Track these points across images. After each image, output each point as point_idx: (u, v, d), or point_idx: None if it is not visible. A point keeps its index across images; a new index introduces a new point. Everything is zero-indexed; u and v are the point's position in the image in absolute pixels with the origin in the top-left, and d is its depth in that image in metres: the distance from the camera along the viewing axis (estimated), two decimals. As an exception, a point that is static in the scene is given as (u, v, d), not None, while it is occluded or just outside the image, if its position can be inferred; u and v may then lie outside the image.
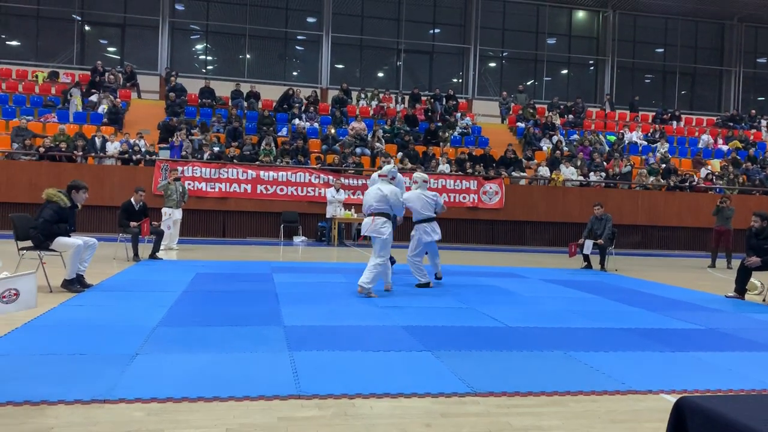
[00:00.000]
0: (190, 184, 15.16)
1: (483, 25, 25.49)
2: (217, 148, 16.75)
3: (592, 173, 18.54)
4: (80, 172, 14.53)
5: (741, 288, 8.86)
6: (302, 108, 20.11)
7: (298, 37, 25.23)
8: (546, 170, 18.17)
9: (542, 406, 3.88)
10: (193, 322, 5.78)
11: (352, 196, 15.79)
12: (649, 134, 22.43)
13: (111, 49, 24.14)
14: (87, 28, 23.77)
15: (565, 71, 27.41)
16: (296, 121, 19.14)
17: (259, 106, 20.45)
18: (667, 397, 4.11)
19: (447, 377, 4.33)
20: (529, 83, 26.29)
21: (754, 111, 25.54)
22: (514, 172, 17.96)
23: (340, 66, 25.31)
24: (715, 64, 27.88)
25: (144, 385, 3.91)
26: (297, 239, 15.77)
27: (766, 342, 5.96)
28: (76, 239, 7.36)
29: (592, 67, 27.36)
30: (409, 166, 17.16)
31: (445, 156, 17.99)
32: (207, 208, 15.87)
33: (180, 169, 14.67)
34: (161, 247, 11.32)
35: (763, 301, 8.77)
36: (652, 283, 10.27)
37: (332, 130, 18.67)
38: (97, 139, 16.26)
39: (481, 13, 25.38)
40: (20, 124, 16.40)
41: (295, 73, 25.26)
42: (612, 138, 21.66)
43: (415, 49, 25.87)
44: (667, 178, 18.74)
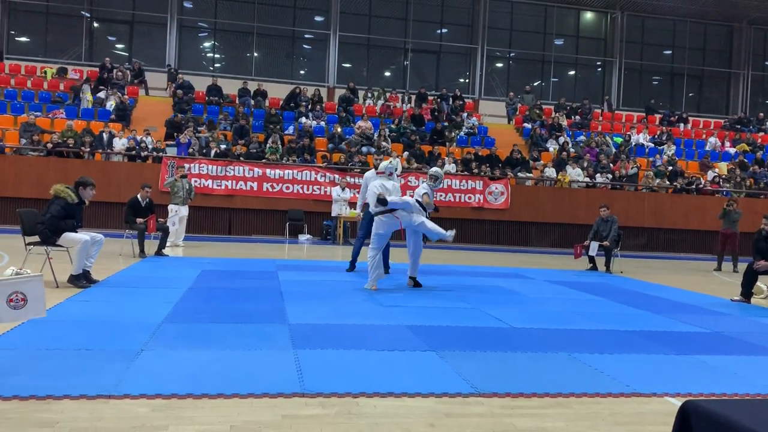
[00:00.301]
0: (196, 182, 15.20)
1: (490, 26, 25.44)
2: (223, 146, 16.80)
3: (598, 175, 18.49)
4: (87, 168, 14.58)
5: (747, 292, 8.82)
6: (309, 106, 20.14)
7: (306, 36, 25.25)
8: (552, 171, 18.13)
9: (546, 407, 3.88)
10: (199, 319, 5.80)
11: (357, 195, 15.76)
12: (656, 136, 22.36)
13: (119, 46, 24.22)
14: (96, 24, 23.87)
15: (573, 72, 27.34)
16: (303, 120, 19.16)
17: (266, 104, 20.48)
18: (672, 400, 4.10)
19: (451, 377, 4.33)
20: (536, 84, 26.22)
21: (762, 114, 25.39)
22: (520, 172, 17.93)
23: (347, 65, 25.32)
24: (723, 67, 27.74)
25: (149, 381, 3.93)
26: (302, 237, 15.80)
27: (771, 346, 5.93)
28: (82, 235, 7.39)
29: (600, 69, 27.28)
30: (415, 165, 17.18)
31: (451, 156, 17.98)
32: (213, 206, 15.92)
33: (187, 166, 14.72)
34: (167, 244, 11.37)
35: (770, 305, 8.74)
36: (657, 286, 10.24)
37: (339, 129, 18.69)
38: (104, 135, 16.34)
39: (489, 14, 25.33)
40: (29, 119, 16.48)
41: (302, 72, 25.29)
42: (619, 140, 21.60)
43: (423, 49, 25.84)
44: (673, 181, 18.67)
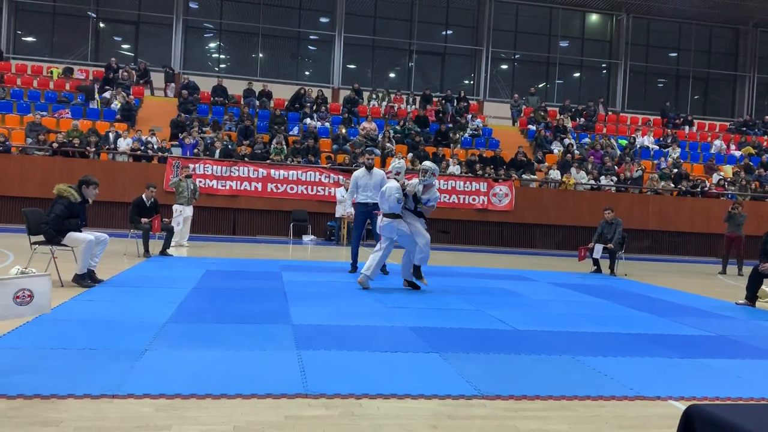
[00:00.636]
0: (201, 182, 15.24)
1: (495, 27, 25.43)
2: (228, 146, 16.82)
3: (603, 177, 18.45)
4: (92, 167, 14.61)
5: (752, 295, 8.78)
6: (313, 107, 20.17)
7: (311, 37, 25.29)
8: (557, 173, 18.11)
9: (549, 410, 3.87)
10: (203, 319, 5.81)
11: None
12: (661, 139, 22.31)
13: (125, 46, 24.31)
14: (102, 25, 23.96)
15: (578, 74, 27.30)
16: (307, 121, 19.19)
17: (271, 105, 20.52)
18: (676, 404, 4.09)
19: (454, 379, 4.33)
20: (540, 86, 26.20)
21: (767, 117, 25.32)
22: (525, 174, 17.91)
23: (352, 66, 25.34)
24: (728, 69, 27.66)
25: (153, 380, 3.94)
26: (306, 238, 15.82)
27: (776, 350, 5.91)
28: (87, 234, 7.41)
29: (605, 71, 27.23)
30: (419, 167, 17.17)
31: (456, 157, 17.97)
32: (218, 206, 15.95)
33: (191, 166, 14.75)
34: (172, 244, 11.39)
35: (774, 308, 8.70)
36: (661, 289, 10.21)
37: (343, 130, 18.70)
38: (111, 135, 16.40)
39: (494, 15, 25.32)
40: (34, 119, 16.55)
41: (307, 73, 25.33)
42: (623, 142, 21.56)
43: (427, 51, 25.85)
44: (678, 183, 18.62)
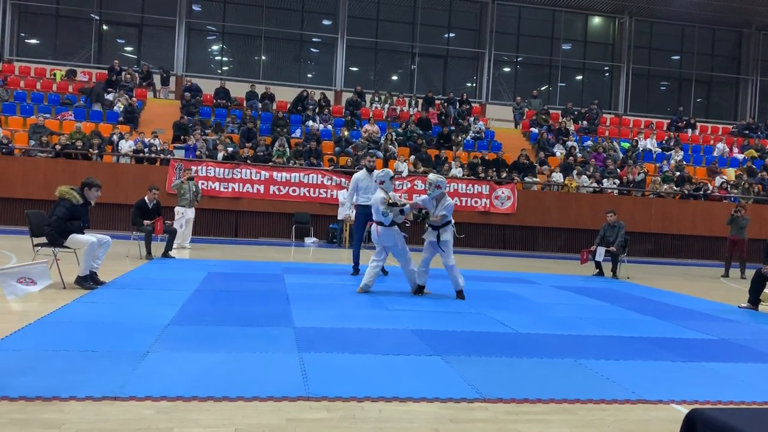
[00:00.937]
0: (203, 184, 15.26)
1: (498, 30, 25.44)
2: (231, 149, 16.84)
3: (605, 180, 18.43)
4: (95, 169, 14.64)
5: (755, 298, 8.76)
6: (316, 110, 20.19)
7: (314, 40, 25.32)
8: (559, 176, 18.10)
9: (551, 413, 3.87)
10: (204, 321, 5.81)
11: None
12: (664, 142, 22.28)
13: (128, 49, 24.37)
14: (105, 27, 24.01)
15: (580, 77, 27.29)
16: (310, 123, 19.20)
17: (274, 107, 20.54)
18: (678, 408, 4.08)
19: (456, 382, 4.33)
20: (543, 89, 26.19)
21: (770, 120, 25.32)
22: (527, 177, 17.90)
23: (355, 68, 25.37)
24: (731, 73, 27.64)
25: (154, 383, 3.94)
26: (308, 240, 15.82)
27: (779, 354, 5.89)
28: (90, 236, 7.43)
29: (607, 74, 27.22)
30: (422, 169, 17.18)
31: (458, 160, 17.96)
32: (220, 208, 15.96)
33: (194, 168, 14.77)
34: (174, 246, 11.40)
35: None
36: (664, 292, 10.19)
37: (345, 133, 18.71)
38: (115, 137, 16.43)
39: (496, 18, 25.33)
40: (37, 121, 16.58)
41: (309, 75, 25.36)
42: (626, 145, 21.53)
43: (430, 53, 25.87)
44: (681, 186, 18.59)
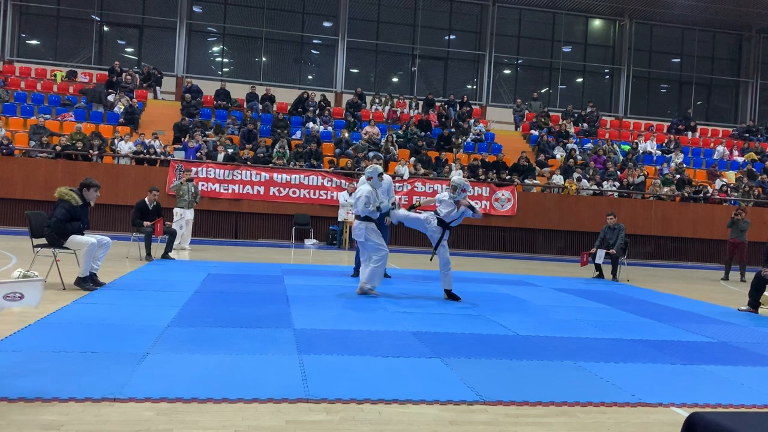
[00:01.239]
0: (203, 185, 15.26)
1: (498, 32, 25.45)
2: (231, 150, 16.85)
3: (605, 182, 18.43)
4: (95, 171, 14.66)
5: (755, 301, 8.76)
6: (316, 111, 20.20)
7: (314, 41, 25.33)
8: (559, 178, 18.10)
9: (551, 416, 3.86)
10: (204, 323, 5.81)
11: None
12: (664, 144, 22.29)
13: (129, 50, 24.38)
14: (105, 28, 24.01)
15: (580, 80, 27.29)
16: (310, 125, 19.20)
17: (274, 108, 20.55)
18: (678, 411, 4.07)
19: (456, 385, 4.33)
20: (543, 91, 26.20)
21: (770, 123, 25.32)
22: (527, 179, 17.90)
23: (355, 70, 25.37)
24: (731, 75, 27.64)
25: (154, 384, 3.94)
26: (308, 242, 15.82)
27: (779, 357, 5.89)
28: (89, 237, 7.43)
29: (608, 76, 27.23)
30: (422, 171, 17.19)
31: (458, 162, 17.97)
32: (220, 209, 15.96)
33: (194, 170, 14.77)
34: (173, 247, 11.40)
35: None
36: (664, 295, 10.19)
37: (346, 134, 18.72)
38: (116, 140, 16.44)
39: (497, 20, 25.34)
40: (38, 122, 16.59)
41: (310, 77, 25.36)
42: (626, 147, 21.54)
43: (430, 55, 25.88)
44: (681, 189, 18.60)
